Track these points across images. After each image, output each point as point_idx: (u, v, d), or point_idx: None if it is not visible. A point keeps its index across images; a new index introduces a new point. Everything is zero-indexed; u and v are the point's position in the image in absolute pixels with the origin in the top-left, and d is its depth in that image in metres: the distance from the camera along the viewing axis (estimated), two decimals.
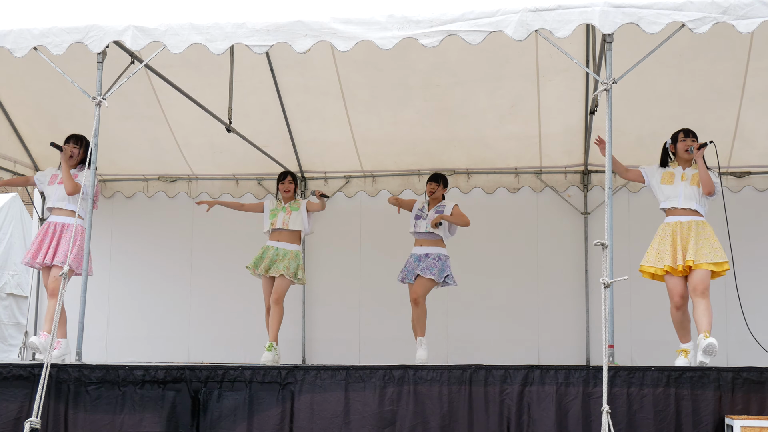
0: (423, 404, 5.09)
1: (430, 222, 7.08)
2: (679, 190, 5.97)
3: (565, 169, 8.62)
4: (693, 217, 5.92)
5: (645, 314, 8.07)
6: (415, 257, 7.12)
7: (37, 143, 8.54)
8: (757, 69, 7.07)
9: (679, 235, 5.88)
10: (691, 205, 5.93)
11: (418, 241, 7.17)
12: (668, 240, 5.92)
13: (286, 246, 7.18)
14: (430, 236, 7.12)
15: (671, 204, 5.98)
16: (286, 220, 7.20)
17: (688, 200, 5.93)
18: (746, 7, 4.88)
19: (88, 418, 5.16)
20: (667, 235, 5.93)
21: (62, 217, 6.45)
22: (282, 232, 7.22)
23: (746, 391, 4.90)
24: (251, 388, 5.20)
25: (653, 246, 5.99)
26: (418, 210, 7.25)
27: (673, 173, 6.06)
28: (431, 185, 7.24)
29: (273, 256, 7.14)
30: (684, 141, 6.04)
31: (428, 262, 7.02)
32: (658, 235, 6.00)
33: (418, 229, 7.17)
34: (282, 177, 7.40)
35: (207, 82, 7.41)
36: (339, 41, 5.20)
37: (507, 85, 7.56)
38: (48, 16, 5.56)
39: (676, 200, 5.96)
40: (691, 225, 5.89)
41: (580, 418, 4.94)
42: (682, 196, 5.94)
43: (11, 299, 10.43)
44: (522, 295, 8.60)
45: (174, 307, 9.00)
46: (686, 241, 5.85)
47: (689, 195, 5.94)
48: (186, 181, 9.10)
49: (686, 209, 5.94)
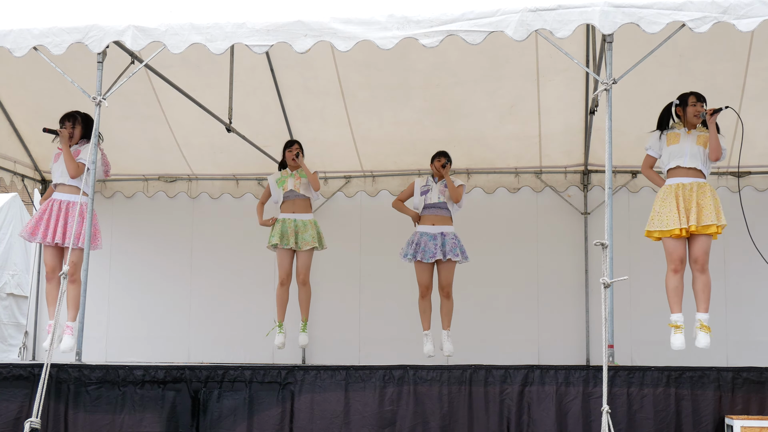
0: (423, 404, 5.09)
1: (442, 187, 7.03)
2: (685, 149, 5.87)
3: (565, 169, 8.62)
4: (696, 179, 5.84)
5: (645, 314, 8.07)
6: (429, 236, 7.01)
7: (37, 143, 8.54)
8: (757, 69, 7.07)
9: (681, 198, 5.79)
10: (696, 165, 5.84)
11: (429, 218, 7.05)
12: (671, 202, 5.82)
13: (303, 216, 7.15)
14: (442, 212, 7.06)
15: (676, 163, 5.88)
16: (297, 185, 7.16)
17: (694, 159, 5.84)
18: (746, 7, 4.88)
19: (88, 418, 5.16)
20: (670, 197, 5.84)
21: (67, 194, 6.33)
22: (295, 201, 7.17)
23: (746, 391, 4.90)
24: (251, 388, 5.20)
25: (655, 209, 5.89)
26: (423, 186, 7.16)
27: (678, 133, 5.96)
28: (441, 159, 7.13)
29: (294, 227, 7.10)
30: (694, 106, 5.98)
31: (449, 243, 6.96)
32: (660, 197, 5.90)
33: (428, 202, 7.06)
34: (289, 144, 7.32)
35: (207, 82, 7.41)
36: (339, 41, 5.20)
37: (507, 85, 7.56)
38: (48, 16, 5.55)
39: (681, 159, 5.86)
40: (693, 186, 5.81)
41: (580, 418, 4.94)
42: (688, 155, 5.86)
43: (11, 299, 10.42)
44: (522, 295, 8.60)
45: (174, 307, 9.00)
46: (689, 203, 5.76)
47: (695, 154, 5.86)
48: (186, 181, 9.10)
49: (691, 168, 5.85)
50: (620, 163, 8.33)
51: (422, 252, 6.98)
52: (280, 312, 7.24)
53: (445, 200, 7.08)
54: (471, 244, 7.32)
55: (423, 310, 7.10)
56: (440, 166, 7.12)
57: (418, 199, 7.18)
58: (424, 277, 7.05)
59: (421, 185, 7.20)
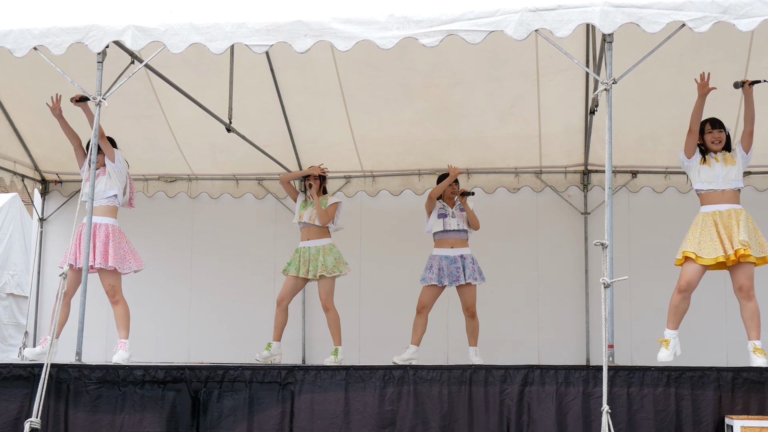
0: (423, 404, 5.09)
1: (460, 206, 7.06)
2: (717, 173, 5.83)
3: (565, 169, 8.62)
4: (731, 205, 5.79)
5: (645, 314, 8.07)
6: (449, 259, 6.98)
7: (37, 143, 8.54)
8: (757, 69, 7.06)
9: (721, 225, 5.74)
10: (731, 186, 5.81)
11: (448, 241, 7.03)
12: (711, 230, 5.75)
13: (317, 243, 7.13)
14: (461, 234, 7.06)
15: (709, 187, 5.84)
16: (314, 216, 7.16)
17: (726, 182, 5.82)
18: (746, 6, 4.88)
19: (88, 418, 5.16)
20: (709, 226, 5.77)
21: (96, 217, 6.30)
22: (310, 228, 7.17)
23: (746, 391, 4.90)
24: (251, 388, 5.20)
25: (694, 235, 5.81)
26: (440, 208, 7.12)
27: (708, 159, 5.91)
28: (454, 186, 7.15)
29: (307, 257, 7.09)
30: (711, 133, 5.95)
31: (470, 267, 6.96)
32: (698, 225, 5.83)
33: (448, 227, 7.04)
34: (308, 175, 7.30)
35: (207, 82, 7.41)
36: (339, 41, 5.20)
37: (507, 85, 7.56)
38: (48, 16, 5.55)
39: (714, 183, 5.83)
40: (730, 213, 5.77)
41: (580, 418, 4.94)
42: (720, 178, 5.82)
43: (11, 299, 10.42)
44: (522, 295, 8.60)
45: (174, 307, 9.00)
46: (729, 230, 5.71)
47: (726, 175, 5.82)
48: (186, 181, 9.10)
49: (725, 192, 5.81)
50: (620, 163, 8.34)
51: (447, 276, 6.94)
52: (275, 332, 7.18)
53: (465, 227, 7.08)
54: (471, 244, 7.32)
55: (418, 325, 7.02)
56: (458, 194, 7.13)
57: (435, 222, 7.11)
58: (428, 299, 7.00)
59: (438, 207, 7.15)
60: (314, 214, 7.15)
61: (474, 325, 7.05)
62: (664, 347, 5.74)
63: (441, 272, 6.97)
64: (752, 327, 5.71)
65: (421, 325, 7.01)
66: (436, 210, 7.14)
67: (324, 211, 7.12)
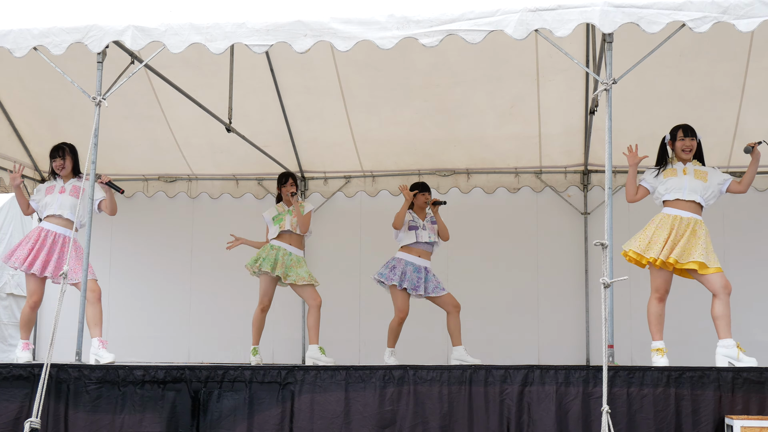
0: (423, 404, 5.09)
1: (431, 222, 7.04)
2: (684, 183, 5.86)
3: (565, 169, 8.62)
4: (693, 214, 5.83)
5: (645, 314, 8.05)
6: (415, 268, 6.99)
7: (37, 143, 8.54)
8: (757, 69, 7.07)
9: (675, 230, 5.78)
10: (695, 198, 5.83)
11: (417, 251, 7.02)
12: (664, 232, 5.80)
13: (297, 251, 7.13)
14: (430, 247, 7.08)
15: (675, 195, 5.86)
16: (294, 223, 7.13)
17: (693, 193, 5.84)
18: (746, 7, 4.88)
19: (88, 418, 5.16)
20: (664, 227, 5.81)
21: (62, 228, 6.32)
22: (292, 236, 7.16)
23: (746, 391, 4.90)
24: (251, 388, 5.19)
25: (646, 233, 5.86)
26: (410, 221, 7.09)
27: (674, 169, 5.96)
28: (426, 195, 7.12)
29: (287, 261, 7.05)
30: (683, 140, 5.96)
31: (433, 281, 7.00)
32: (655, 223, 5.87)
33: (420, 239, 7.02)
34: (284, 180, 7.26)
35: (207, 82, 7.41)
36: (339, 41, 5.20)
37: (507, 85, 7.56)
38: (48, 16, 5.55)
39: (680, 192, 5.85)
40: (690, 222, 5.80)
41: (580, 418, 4.94)
42: (687, 188, 5.84)
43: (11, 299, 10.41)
44: (522, 295, 8.60)
45: (174, 307, 9.00)
46: (680, 238, 5.75)
47: (694, 188, 5.84)
48: (186, 181, 9.10)
49: (690, 201, 5.83)
50: (620, 163, 8.25)
51: (408, 282, 6.94)
52: (255, 336, 7.16)
53: (436, 240, 7.09)
54: (471, 244, 7.34)
55: (396, 331, 7.04)
56: (425, 202, 7.10)
57: (406, 234, 7.07)
58: (405, 304, 7.01)
59: (408, 220, 7.10)
60: (295, 222, 7.12)
61: (458, 322, 7.01)
62: (660, 355, 5.74)
63: (403, 276, 6.95)
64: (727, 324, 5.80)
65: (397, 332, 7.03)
66: (406, 223, 7.10)
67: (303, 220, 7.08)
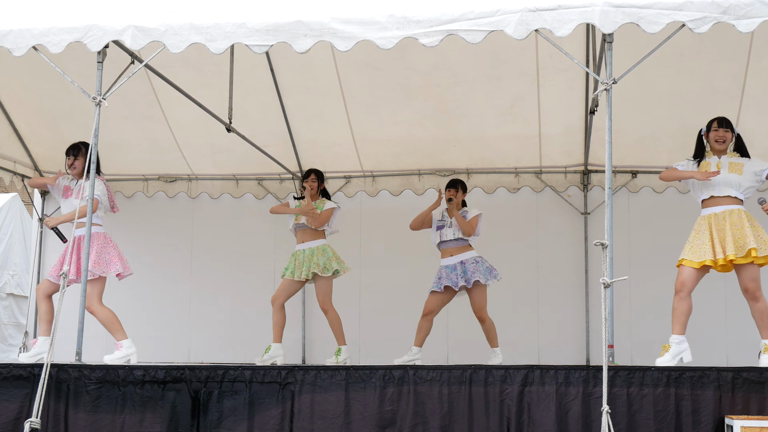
0: (423, 404, 5.09)
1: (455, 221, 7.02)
2: (716, 178, 5.77)
3: (565, 169, 8.62)
4: (728, 206, 5.74)
5: (645, 314, 8.07)
6: (450, 267, 7.00)
7: (37, 143, 8.54)
8: (757, 69, 7.07)
9: (714, 228, 5.71)
10: (730, 193, 5.76)
11: (447, 251, 7.05)
12: (705, 234, 5.73)
13: (311, 245, 7.15)
14: (459, 243, 7.05)
15: (710, 193, 5.80)
16: (310, 220, 7.16)
17: (728, 187, 5.77)
18: (746, 7, 4.88)
19: (88, 418, 5.16)
20: (704, 229, 5.75)
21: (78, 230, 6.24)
22: (306, 231, 7.20)
23: (746, 391, 4.90)
24: (251, 388, 5.19)
25: (690, 239, 5.80)
26: (438, 220, 7.15)
27: (709, 163, 5.89)
28: (450, 191, 7.13)
29: (302, 259, 7.12)
30: (716, 131, 5.88)
31: (471, 268, 6.94)
32: (695, 229, 5.82)
33: (444, 238, 7.06)
34: (306, 175, 7.37)
35: (207, 82, 7.40)
36: (339, 41, 5.20)
37: (507, 85, 7.56)
38: (48, 16, 5.55)
39: (714, 188, 5.78)
40: (725, 215, 5.72)
41: (580, 418, 4.94)
42: (720, 183, 5.77)
43: (11, 299, 10.43)
44: (522, 295, 8.60)
45: (174, 307, 8.99)
46: (722, 233, 5.68)
47: (729, 182, 5.77)
48: (186, 181, 9.10)
49: (726, 197, 5.77)
50: (620, 163, 8.33)
51: (444, 282, 6.97)
52: (274, 333, 7.18)
53: (461, 236, 7.06)
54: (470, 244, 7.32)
55: (422, 327, 7.04)
56: (447, 200, 7.11)
57: (435, 234, 7.15)
58: (431, 304, 7.02)
59: (437, 219, 7.17)
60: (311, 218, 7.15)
61: (486, 328, 7.05)
62: (662, 354, 5.72)
63: (441, 280, 7.01)
64: (762, 327, 5.69)
65: (425, 328, 7.03)
66: (435, 222, 7.17)
67: (315, 216, 7.11)
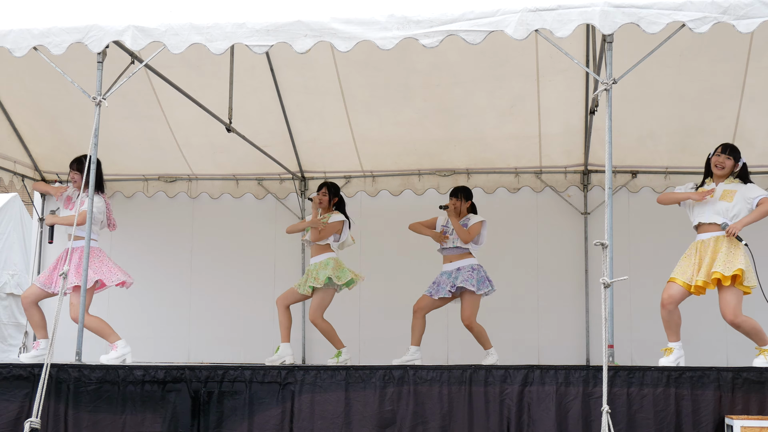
0: (423, 404, 5.09)
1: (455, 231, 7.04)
2: (706, 207, 5.85)
3: (565, 169, 8.62)
4: (714, 233, 5.81)
5: (645, 314, 8.06)
6: (447, 273, 7.03)
7: (37, 143, 8.54)
8: (757, 69, 7.07)
9: (699, 253, 5.81)
10: (716, 220, 5.80)
11: (447, 257, 7.08)
12: (692, 258, 5.85)
13: (316, 259, 7.12)
14: (458, 251, 7.06)
15: (698, 220, 5.89)
16: (314, 234, 7.13)
17: (715, 215, 5.81)
18: (746, 7, 4.88)
19: (89, 419, 5.16)
20: (692, 253, 5.87)
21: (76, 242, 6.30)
22: (313, 246, 7.19)
23: (746, 391, 4.90)
24: (251, 388, 5.20)
25: (680, 262, 5.93)
26: (443, 226, 7.17)
27: (706, 190, 5.94)
28: (452, 200, 7.15)
29: (308, 273, 7.11)
30: (718, 156, 5.94)
31: (462, 275, 6.96)
32: (686, 252, 5.93)
33: (445, 245, 7.09)
34: (319, 188, 7.28)
35: (207, 82, 7.40)
36: (339, 41, 5.20)
37: (507, 85, 7.55)
38: (48, 16, 5.55)
39: (702, 216, 5.86)
40: (710, 242, 5.79)
41: (580, 418, 4.94)
42: (709, 212, 5.83)
43: (11, 299, 10.43)
44: (522, 295, 8.60)
45: (174, 307, 8.99)
46: (703, 260, 5.77)
47: (717, 210, 5.81)
48: (186, 181, 9.10)
49: (712, 224, 5.82)
50: (620, 163, 8.34)
51: (436, 287, 7.01)
52: (282, 333, 7.15)
53: (460, 244, 7.06)
54: None
55: (415, 326, 7.04)
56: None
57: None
58: (422, 302, 7.04)
59: (441, 224, 7.19)
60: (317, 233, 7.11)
61: (476, 334, 7.06)
62: (666, 355, 5.76)
63: (435, 285, 7.03)
64: (756, 341, 5.78)
65: (419, 326, 7.03)
66: (439, 227, 7.19)
67: (320, 229, 7.07)
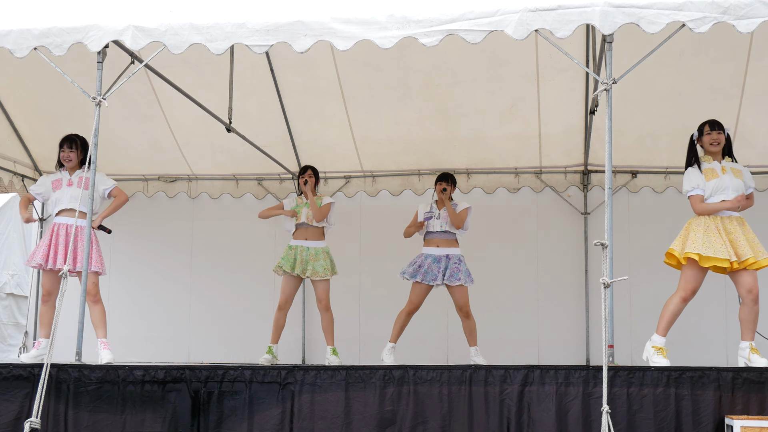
0: (423, 404, 5.09)
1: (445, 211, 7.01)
2: (726, 183, 5.77)
3: (565, 169, 8.62)
4: (733, 213, 5.77)
5: (645, 314, 8.06)
6: (433, 258, 6.99)
7: (37, 143, 8.54)
8: (757, 69, 7.07)
9: (723, 231, 5.70)
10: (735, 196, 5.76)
11: (434, 241, 7.05)
12: (715, 233, 5.69)
13: (316, 244, 7.13)
14: (446, 235, 7.05)
15: (720, 197, 5.77)
16: (310, 216, 7.16)
17: (735, 192, 5.76)
18: (746, 7, 4.87)
19: (89, 419, 5.16)
20: (713, 229, 5.71)
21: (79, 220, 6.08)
22: (308, 229, 7.17)
23: (746, 391, 4.90)
24: (251, 388, 5.19)
25: (697, 234, 5.72)
26: (426, 213, 7.16)
27: (713, 168, 5.85)
28: (442, 184, 7.13)
29: (306, 256, 7.08)
30: (710, 134, 5.86)
31: (452, 268, 6.94)
32: (702, 226, 5.75)
33: (431, 229, 7.06)
34: (302, 171, 7.33)
35: (207, 82, 7.41)
36: (339, 41, 5.20)
37: (507, 85, 7.56)
38: (48, 16, 5.55)
39: (725, 192, 5.77)
40: (733, 221, 5.75)
41: (580, 418, 4.94)
42: (730, 188, 5.76)
43: (11, 299, 10.42)
44: (522, 296, 8.60)
45: (174, 307, 9.00)
46: (732, 236, 5.68)
47: (736, 187, 5.77)
48: (186, 181, 9.10)
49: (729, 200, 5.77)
50: (620, 163, 8.34)
51: (424, 273, 6.95)
52: (274, 335, 7.16)
53: (448, 228, 7.06)
54: (471, 244, 7.33)
55: (400, 323, 7.03)
56: (440, 191, 7.12)
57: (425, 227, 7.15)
58: (418, 297, 7.00)
59: (424, 211, 7.17)
60: (310, 214, 7.14)
61: (470, 325, 7.03)
62: (662, 355, 5.71)
63: (420, 269, 6.97)
64: (749, 329, 5.71)
65: (402, 323, 7.01)
66: (422, 215, 7.16)
67: (318, 210, 7.11)
